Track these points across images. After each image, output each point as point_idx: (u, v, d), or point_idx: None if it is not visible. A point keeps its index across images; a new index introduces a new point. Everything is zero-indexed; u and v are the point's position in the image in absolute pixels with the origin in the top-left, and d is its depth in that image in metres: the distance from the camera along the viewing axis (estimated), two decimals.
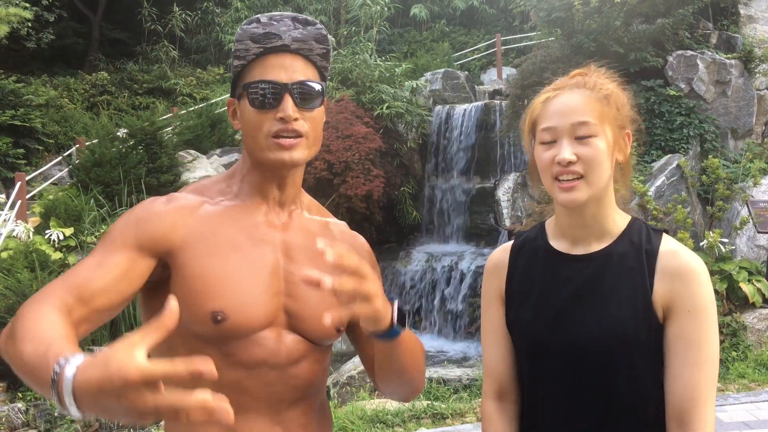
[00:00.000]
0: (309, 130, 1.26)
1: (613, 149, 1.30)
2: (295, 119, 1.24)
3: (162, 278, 1.23)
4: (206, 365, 0.76)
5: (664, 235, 1.33)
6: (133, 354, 0.77)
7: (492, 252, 1.52)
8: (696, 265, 1.26)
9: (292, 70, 1.25)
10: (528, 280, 1.38)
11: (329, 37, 1.30)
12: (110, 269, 1.15)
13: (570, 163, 1.24)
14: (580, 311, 1.30)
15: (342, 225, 1.45)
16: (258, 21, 1.27)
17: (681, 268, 1.26)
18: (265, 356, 1.22)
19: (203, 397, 0.75)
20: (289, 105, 1.23)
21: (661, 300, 1.26)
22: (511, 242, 1.47)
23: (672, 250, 1.29)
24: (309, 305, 1.27)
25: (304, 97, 1.25)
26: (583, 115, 1.26)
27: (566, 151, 1.25)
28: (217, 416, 0.75)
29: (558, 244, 1.38)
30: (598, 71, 1.37)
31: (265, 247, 1.27)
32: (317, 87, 1.28)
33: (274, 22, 1.26)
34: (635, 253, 1.30)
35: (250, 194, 1.31)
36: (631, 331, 1.25)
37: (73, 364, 0.83)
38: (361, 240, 1.45)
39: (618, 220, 1.35)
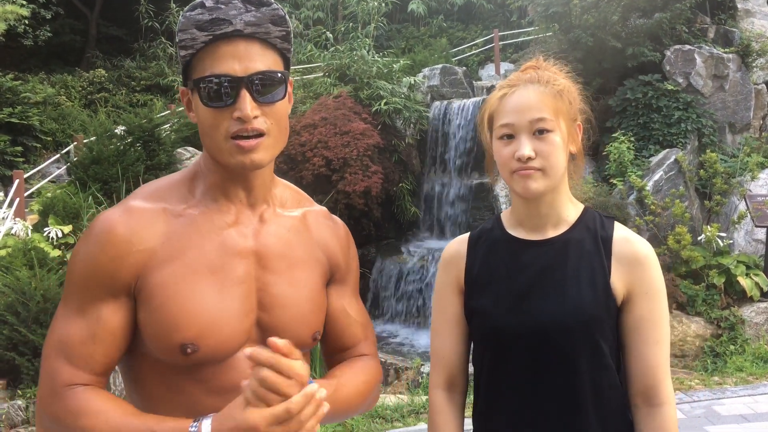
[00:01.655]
0: (272, 126, 1.13)
1: (567, 141, 1.35)
2: (255, 117, 1.10)
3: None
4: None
5: (616, 222, 1.41)
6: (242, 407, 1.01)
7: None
8: (648, 251, 1.36)
9: (248, 58, 1.10)
10: (488, 268, 1.42)
11: (288, 18, 1.16)
12: (107, 339, 1.11)
13: (529, 158, 1.29)
14: (540, 295, 1.34)
15: (319, 212, 1.35)
16: (203, 6, 1.10)
17: (636, 254, 1.35)
18: (239, 379, 1.13)
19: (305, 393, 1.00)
20: (246, 102, 1.09)
21: (619, 283, 1.33)
22: (468, 234, 1.51)
23: (625, 237, 1.37)
24: (284, 317, 1.20)
25: (265, 89, 1.11)
26: (540, 111, 1.31)
27: (526, 147, 1.29)
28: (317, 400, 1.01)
29: (516, 232, 1.42)
30: (549, 63, 1.42)
31: (236, 262, 1.17)
32: (278, 76, 1.13)
33: (222, 6, 1.10)
34: (592, 239, 1.37)
35: (214, 199, 1.19)
36: (591, 311, 1.31)
37: (205, 422, 1.03)
38: (338, 226, 1.37)
39: (572, 209, 1.41)
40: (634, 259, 1.34)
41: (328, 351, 1.38)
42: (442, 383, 1.47)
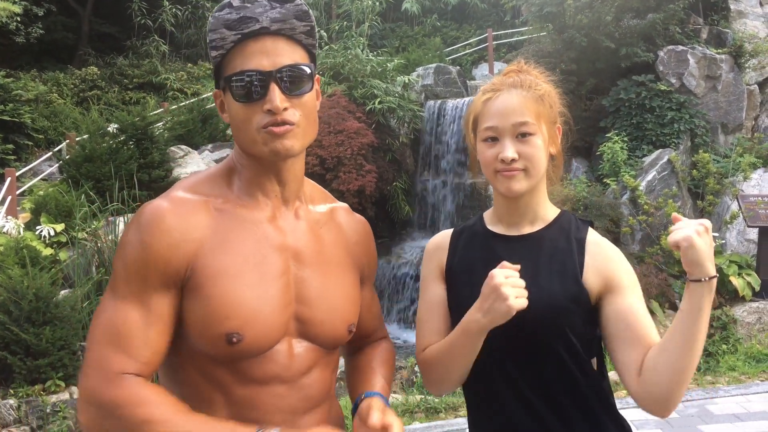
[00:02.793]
0: (301, 117, 1.18)
1: (548, 143, 1.42)
2: (285, 109, 1.14)
3: None
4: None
5: (590, 228, 1.49)
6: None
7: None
8: (616, 253, 1.44)
9: (276, 54, 1.15)
10: (467, 261, 1.49)
11: (311, 12, 1.20)
12: (158, 327, 1.13)
13: (513, 160, 1.36)
14: None
15: (345, 209, 1.44)
16: (230, 5, 1.16)
17: (608, 252, 1.43)
18: (277, 371, 1.18)
19: None
20: (275, 95, 1.13)
21: (593, 278, 1.39)
22: (453, 228, 1.59)
23: (597, 242, 1.45)
24: (321, 310, 1.23)
25: (293, 82, 1.16)
26: (523, 115, 1.37)
27: (509, 150, 1.37)
28: None
29: (495, 228, 1.50)
30: (530, 67, 1.49)
31: (276, 256, 1.20)
32: (305, 69, 1.17)
33: (248, 5, 1.15)
34: (565, 238, 1.44)
35: (251, 194, 1.23)
36: (561, 303, 1.36)
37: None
38: (362, 223, 1.47)
39: (549, 210, 1.49)
40: (609, 256, 1.42)
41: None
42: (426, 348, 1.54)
